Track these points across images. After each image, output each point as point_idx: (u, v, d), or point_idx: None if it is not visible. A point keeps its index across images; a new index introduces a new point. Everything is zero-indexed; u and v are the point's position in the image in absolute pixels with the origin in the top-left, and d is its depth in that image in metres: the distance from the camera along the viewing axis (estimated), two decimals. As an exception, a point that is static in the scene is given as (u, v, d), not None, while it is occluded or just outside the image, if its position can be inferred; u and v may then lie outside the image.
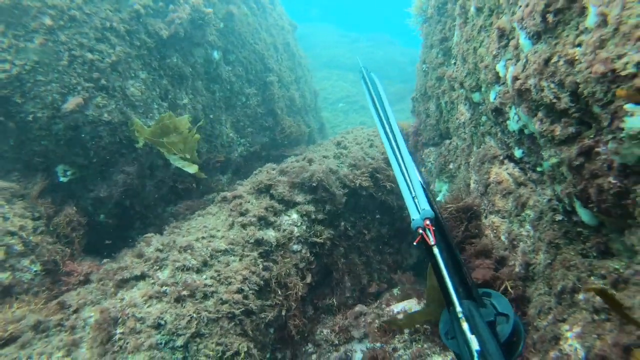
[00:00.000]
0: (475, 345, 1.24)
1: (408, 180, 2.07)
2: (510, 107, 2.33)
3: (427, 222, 1.65)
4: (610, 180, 1.46)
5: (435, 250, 1.51)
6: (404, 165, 2.14)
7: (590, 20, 1.40)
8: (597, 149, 1.55)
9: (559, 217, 2.14)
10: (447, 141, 4.22)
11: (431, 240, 1.56)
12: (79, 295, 2.69)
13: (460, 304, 1.38)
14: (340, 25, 25.67)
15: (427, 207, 1.81)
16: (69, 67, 3.34)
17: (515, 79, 2.02)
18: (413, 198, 1.96)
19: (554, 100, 1.71)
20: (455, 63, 3.74)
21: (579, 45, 1.52)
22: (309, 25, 22.62)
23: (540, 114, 1.88)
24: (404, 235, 4.79)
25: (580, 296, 1.74)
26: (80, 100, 3.42)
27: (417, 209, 1.84)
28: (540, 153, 2.25)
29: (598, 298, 1.58)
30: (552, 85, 1.71)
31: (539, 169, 2.35)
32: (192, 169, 4.16)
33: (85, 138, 3.66)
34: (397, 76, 18.18)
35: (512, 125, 2.44)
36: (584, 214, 1.83)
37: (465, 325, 1.29)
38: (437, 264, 1.49)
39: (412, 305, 3.36)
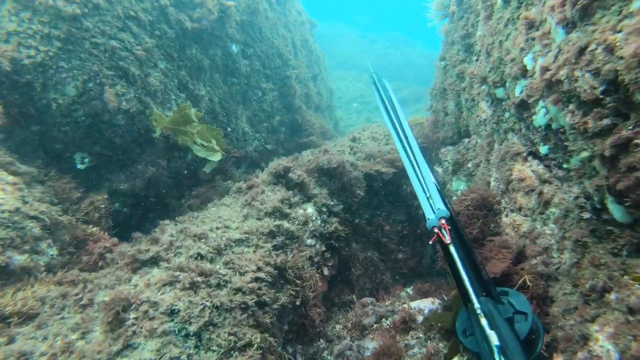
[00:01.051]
0: (495, 340, 1.22)
1: (422, 181, 2.06)
2: (537, 101, 2.26)
3: (443, 221, 1.64)
4: (651, 173, 1.39)
5: (452, 248, 1.50)
6: (417, 167, 2.12)
7: (637, 3, 1.34)
8: (636, 141, 1.48)
9: (586, 215, 2.06)
10: (466, 140, 4.14)
11: (447, 239, 1.55)
12: (94, 278, 2.69)
13: (478, 301, 1.36)
14: (358, 25, 25.57)
15: (442, 207, 1.80)
16: (90, 55, 3.37)
17: (546, 70, 1.95)
18: (428, 198, 1.93)
19: (588, 91, 1.65)
20: (477, 59, 3.67)
21: (620, 31, 1.46)
22: (326, 26, 22.63)
23: (571, 106, 1.82)
24: (420, 234, 4.72)
25: (612, 296, 1.66)
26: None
27: (432, 209, 1.81)
28: (568, 149, 2.17)
29: (633, 297, 1.50)
30: (587, 75, 1.65)
31: (565, 165, 2.27)
32: (215, 157, 4.16)
33: (103, 126, 3.69)
34: (414, 78, 18.06)
35: (539, 120, 2.37)
36: (616, 211, 1.76)
37: (484, 321, 1.27)
38: (453, 262, 1.47)
39: (426, 304, 3.30)
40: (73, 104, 3.38)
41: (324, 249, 3.70)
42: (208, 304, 2.67)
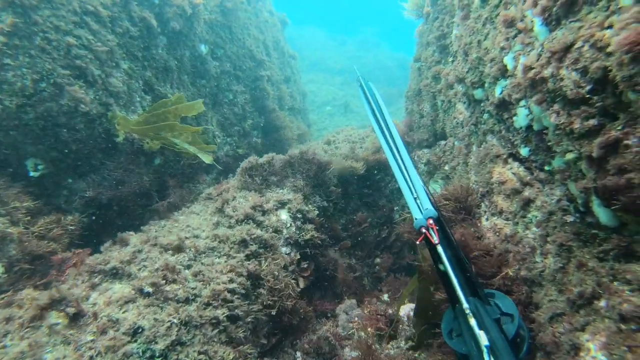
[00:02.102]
0: (484, 340, 1.19)
1: (409, 181, 1.98)
2: (519, 101, 2.20)
3: (430, 221, 1.60)
4: (645, 175, 1.33)
5: (440, 248, 1.46)
6: (404, 167, 2.05)
7: (628, -3, 1.28)
8: (626, 142, 1.41)
9: (570, 219, 2.01)
10: (442, 142, 4.10)
11: (435, 239, 1.51)
12: (47, 296, 2.43)
13: (467, 300, 1.33)
14: (327, 27, 25.62)
15: (430, 207, 1.77)
16: (42, 52, 3.09)
17: (529, 68, 1.89)
18: (415, 199, 1.86)
19: (575, 90, 1.58)
20: (453, 60, 3.63)
21: (610, 27, 1.39)
22: (296, 28, 22.54)
23: (556, 106, 1.75)
24: (397, 237, 4.65)
25: (602, 303, 1.60)
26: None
27: (420, 209, 1.76)
28: (550, 150, 2.12)
29: (625, 305, 1.44)
30: (573, 74, 1.58)
31: (547, 167, 2.22)
32: (207, 158, 3.91)
33: (59, 130, 3.40)
34: (385, 80, 18.20)
35: (519, 121, 2.31)
36: (602, 214, 1.70)
37: (472, 321, 1.24)
38: (441, 261, 1.43)
39: (407, 310, 3.20)
40: (23, 106, 3.09)
41: (299, 256, 3.55)
42: (175, 320, 2.46)
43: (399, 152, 2.23)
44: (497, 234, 2.60)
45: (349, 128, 6.00)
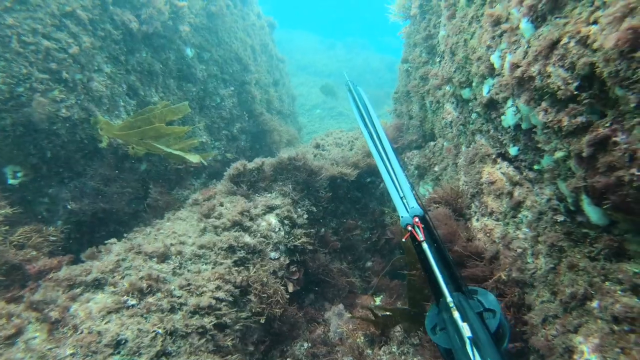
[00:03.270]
0: (467, 332, 1.20)
1: (395, 181, 2.02)
2: (506, 100, 2.18)
3: (416, 219, 1.62)
4: (634, 172, 1.30)
5: (425, 245, 1.48)
6: (391, 168, 2.05)
7: (614, -10, 1.25)
8: (614, 139, 1.39)
9: (560, 218, 1.98)
10: (432, 143, 4.08)
11: (420, 236, 1.53)
12: (23, 310, 2.33)
13: (451, 295, 1.34)
14: (317, 31, 25.68)
15: (416, 206, 1.78)
16: (18, 55, 2.99)
17: (516, 66, 1.86)
18: (401, 198, 1.84)
19: (562, 87, 1.55)
20: (440, 61, 3.61)
21: (595, 22, 1.36)
22: (285, 32, 22.57)
23: (544, 104, 1.73)
24: (387, 241, 4.60)
25: (594, 303, 1.57)
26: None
27: (406, 208, 1.78)
28: (539, 149, 2.10)
29: (617, 305, 1.40)
30: (560, 71, 1.55)
31: (536, 167, 2.20)
32: (194, 158, 3.81)
33: (39, 136, 3.30)
34: (374, 83, 18.24)
35: (508, 120, 2.29)
36: (592, 213, 1.68)
37: (456, 314, 1.25)
38: (426, 259, 1.45)
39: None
40: (-1, 111, 2.99)
41: (288, 262, 3.48)
42: (160, 331, 2.38)
43: (386, 154, 2.23)
44: (488, 234, 2.56)
45: (337, 131, 5.96)
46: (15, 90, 3.01)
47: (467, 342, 1.20)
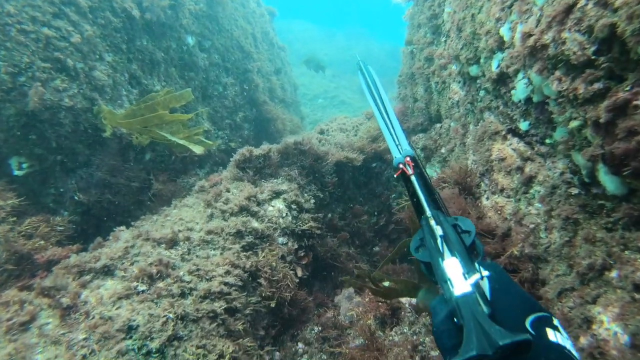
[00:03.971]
0: (439, 231, 1.29)
1: (390, 127, 2.09)
2: (517, 73, 2.13)
3: (408, 158, 1.74)
4: (657, 135, 1.26)
5: (413, 178, 1.60)
6: (387, 116, 2.16)
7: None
8: (635, 102, 1.35)
9: (575, 191, 1.95)
10: (438, 125, 4.03)
11: (410, 171, 1.65)
12: (34, 297, 2.33)
13: (430, 210, 1.44)
14: (316, 20, 25.43)
15: (408, 148, 1.91)
16: (19, 44, 2.96)
17: (528, 36, 1.81)
18: (396, 145, 1.97)
19: (579, 52, 1.51)
20: (446, 40, 3.55)
21: (614, -20, 1.31)
22: (285, 22, 22.36)
23: (558, 73, 1.68)
24: (395, 225, 4.59)
25: (613, 273, 1.54)
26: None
27: (399, 150, 1.91)
28: (551, 122, 2.06)
29: (639, 273, 1.37)
30: (576, 35, 1.50)
31: (548, 140, 2.16)
32: (198, 149, 3.79)
33: (43, 126, 3.28)
34: (377, 70, 18.04)
35: (518, 94, 2.24)
36: (609, 183, 1.64)
37: (432, 222, 1.36)
38: (413, 187, 1.58)
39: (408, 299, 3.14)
40: (1, 101, 2.96)
41: (296, 246, 3.47)
42: (171, 315, 2.38)
43: (384, 105, 2.27)
44: (499, 212, 2.53)
45: (342, 117, 5.91)
46: (17, 80, 2.98)
47: (439, 239, 1.27)
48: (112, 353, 2.11)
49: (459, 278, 1.07)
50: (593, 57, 1.46)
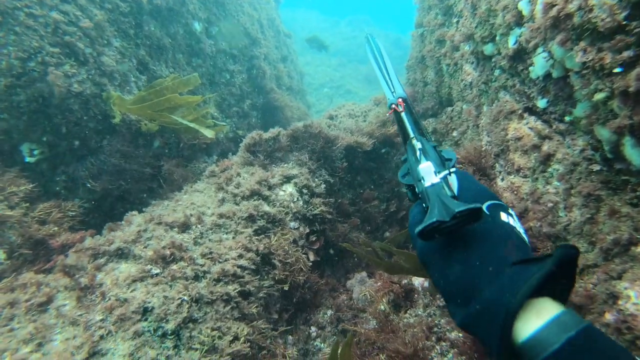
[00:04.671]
0: (418, 145, 1.37)
1: (385, 74, 2.20)
2: (536, 48, 2.07)
3: (400, 100, 1.83)
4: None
5: (403, 114, 1.69)
6: (385, 70, 2.24)
7: None
8: (667, 68, 1.30)
9: (596, 167, 1.90)
10: (449, 108, 3.97)
11: (400, 109, 1.74)
12: (51, 280, 2.34)
13: (415, 135, 1.51)
14: (320, 9, 25.18)
15: (401, 91, 2.00)
16: (28, 29, 2.94)
17: (550, 6, 1.76)
18: (391, 92, 2.04)
19: (608, 19, 1.45)
20: (458, 21, 3.48)
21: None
22: (289, 10, 22.17)
23: (583, 43, 1.63)
24: (407, 211, 4.56)
25: (640, 248, 1.50)
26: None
27: (393, 95, 2.00)
28: (571, 98, 2.01)
29: (669, 246, 1.34)
30: (605, 0, 1.45)
31: (567, 117, 2.11)
32: (209, 132, 3.78)
33: (52, 112, 3.27)
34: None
35: (537, 70, 2.19)
36: (635, 156, 1.59)
37: (414, 141, 1.43)
38: (402, 121, 1.66)
39: (422, 280, 3.12)
40: (12, 87, 2.95)
41: (307, 231, 3.46)
42: (186, 298, 2.38)
43: (384, 63, 2.33)
44: (515, 192, 2.49)
45: (350, 103, 5.85)
46: (27, 65, 2.97)
47: (418, 152, 1.34)
48: (128, 334, 2.12)
49: (431, 175, 1.17)
50: (624, 23, 1.41)
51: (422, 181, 1.18)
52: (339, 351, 2.28)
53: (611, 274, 1.60)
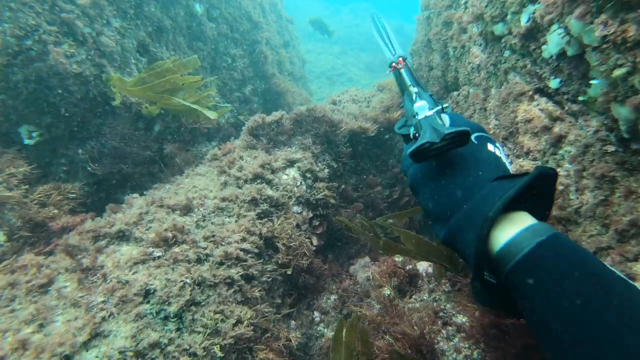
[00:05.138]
0: (414, 90, 1.43)
1: (385, 36, 2.23)
2: (551, 24, 2.00)
3: (400, 58, 1.88)
4: None
5: (402, 70, 1.74)
6: (384, 32, 2.28)
7: None
8: (695, 39, 1.23)
9: (611, 149, 1.85)
10: (455, 93, 3.90)
11: (400, 66, 1.81)
12: (51, 261, 2.30)
13: (412, 84, 1.55)
14: (322, -4, 24.87)
15: (400, 51, 2.04)
16: (23, 5, 2.86)
17: (568, -21, 1.68)
18: (392, 54, 2.07)
19: (630, -11, 1.39)
20: (466, 3, 3.39)
21: None
22: (290, -3, 21.81)
23: (604, 16, 1.56)
24: (408, 198, 4.52)
25: (658, 228, 1.46)
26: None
27: (393, 55, 2.04)
28: (585, 77, 1.95)
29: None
30: (628, -30, 1.38)
31: (581, 97, 2.05)
32: (212, 114, 3.73)
33: (51, 93, 3.21)
34: (381, 48, 17.70)
35: (550, 49, 2.12)
36: (655, 135, 1.54)
37: (411, 87, 1.48)
38: (401, 75, 1.72)
39: (426, 266, 3.09)
40: (8, 66, 2.88)
41: (310, 215, 3.42)
42: (188, 280, 2.34)
43: (385, 30, 2.34)
44: (525, 176, 2.44)
45: (353, 89, 5.76)
46: (24, 43, 2.89)
47: (413, 94, 1.40)
48: (130, 316, 2.08)
49: (424, 110, 1.24)
50: (647, -7, 1.34)
51: (416, 116, 1.24)
52: (343, 332, 2.26)
53: (627, 255, 1.56)
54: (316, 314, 3.13)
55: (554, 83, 2.21)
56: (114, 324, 2.04)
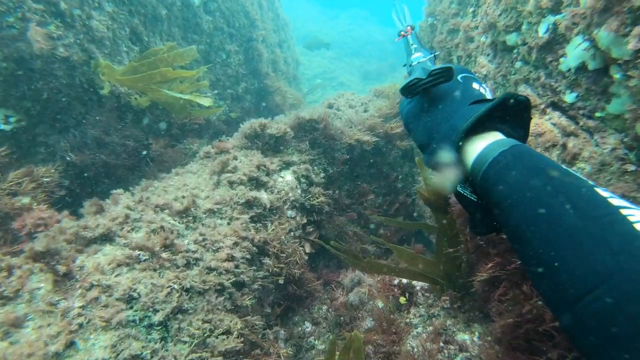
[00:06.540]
0: (415, 45, 1.84)
1: (399, 12, 2.51)
2: (575, 36, 1.93)
3: (409, 27, 2.05)
4: None
5: (410, 36, 1.93)
6: (400, 8, 2.56)
7: None
8: None
9: (631, 168, 1.78)
10: (456, 103, 3.83)
11: (407, 33, 1.99)
12: (23, 262, 2.09)
13: (415, 44, 1.83)
14: (318, 0, 24.85)
15: (410, 22, 2.25)
16: (10, -20, 2.65)
17: (602, -12, 1.60)
18: (402, 23, 2.31)
19: (675, 1, 1.31)
20: (474, 11, 3.32)
21: None
22: (285, 1, 21.66)
23: (638, 29, 1.48)
24: (402, 204, 4.43)
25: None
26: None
27: (402, 24, 2.27)
28: (605, 93, 1.87)
29: None
30: (673, -19, 1.30)
31: (598, 114, 1.97)
32: (206, 101, 3.56)
33: (34, 76, 2.98)
34: (377, 55, 17.79)
35: (569, 61, 2.04)
36: (685, 156, 1.46)
37: (413, 46, 1.75)
38: (407, 40, 1.88)
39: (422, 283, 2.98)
40: (-11, 44, 2.66)
41: (305, 221, 3.28)
42: (176, 286, 2.17)
43: (401, 6, 2.63)
44: (533, 191, 2.36)
45: (349, 93, 5.66)
46: (4, 19, 2.67)
47: (413, 50, 1.72)
48: (111, 324, 1.90)
49: (419, 57, 1.44)
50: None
51: (412, 64, 1.41)
52: (336, 357, 2.11)
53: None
54: (307, 324, 2.98)
55: (569, 97, 2.14)
56: (93, 332, 1.85)
